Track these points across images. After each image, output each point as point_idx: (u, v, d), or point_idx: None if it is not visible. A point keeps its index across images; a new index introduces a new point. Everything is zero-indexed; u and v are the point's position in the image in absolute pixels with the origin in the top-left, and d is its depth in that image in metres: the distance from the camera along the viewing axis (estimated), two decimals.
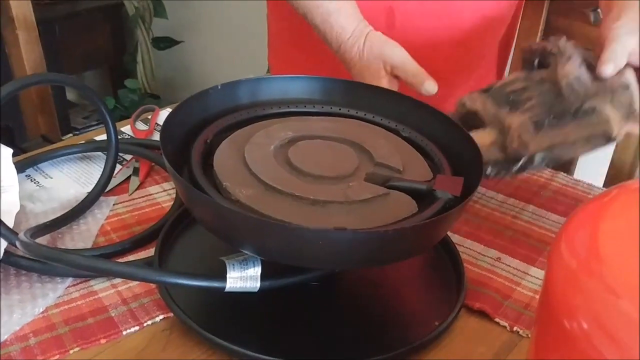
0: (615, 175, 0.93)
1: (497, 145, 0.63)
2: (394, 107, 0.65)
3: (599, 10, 0.90)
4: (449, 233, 0.65)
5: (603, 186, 0.93)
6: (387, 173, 0.56)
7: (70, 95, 2.47)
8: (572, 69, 0.63)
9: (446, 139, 0.62)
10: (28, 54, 1.05)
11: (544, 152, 0.61)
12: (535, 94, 0.65)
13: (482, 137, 0.63)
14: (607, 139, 0.61)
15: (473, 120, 0.67)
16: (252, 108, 0.64)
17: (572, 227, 0.39)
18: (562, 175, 0.82)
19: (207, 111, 0.62)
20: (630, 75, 0.64)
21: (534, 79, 0.67)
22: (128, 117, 1.89)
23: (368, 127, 0.64)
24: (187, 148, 0.58)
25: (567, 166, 0.97)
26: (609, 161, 0.95)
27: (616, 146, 0.94)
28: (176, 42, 2.01)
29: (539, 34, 0.94)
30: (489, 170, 0.63)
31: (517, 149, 0.61)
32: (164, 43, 2.00)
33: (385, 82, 0.75)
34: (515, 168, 0.62)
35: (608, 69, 0.63)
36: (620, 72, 0.64)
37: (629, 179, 0.92)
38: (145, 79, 2.02)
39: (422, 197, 0.55)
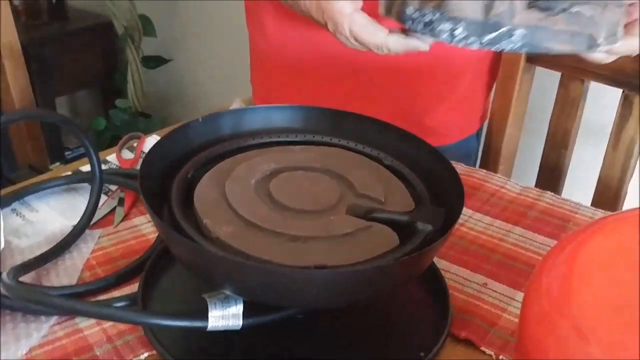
0: (603, 192, 0.93)
1: (483, 3, 0.55)
2: (376, 135, 0.65)
3: None
4: (435, 259, 0.65)
5: (591, 204, 0.93)
6: (368, 204, 0.56)
7: (62, 112, 2.48)
8: None
9: (428, 167, 0.62)
10: (14, 81, 1.05)
11: (527, 30, 0.55)
12: None
13: None
14: (590, 44, 0.57)
15: None
16: (234, 139, 0.64)
17: (547, 266, 0.39)
18: (549, 194, 0.82)
19: (189, 144, 0.62)
20: None
21: None
22: (120, 136, 1.89)
23: (350, 155, 0.64)
24: (168, 182, 0.58)
25: (554, 184, 0.97)
26: (597, 177, 0.95)
27: (603, 163, 0.94)
28: (166, 61, 2.02)
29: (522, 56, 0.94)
30: (459, 29, 0.56)
31: (502, 15, 0.55)
32: (154, 62, 2.00)
33: None
34: (487, 38, 0.56)
35: None
36: None
37: (617, 196, 0.92)
38: (136, 97, 2.02)
39: (405, 229, 0.54)
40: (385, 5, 0.62)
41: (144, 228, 0.73)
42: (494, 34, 0.55)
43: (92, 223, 0.72)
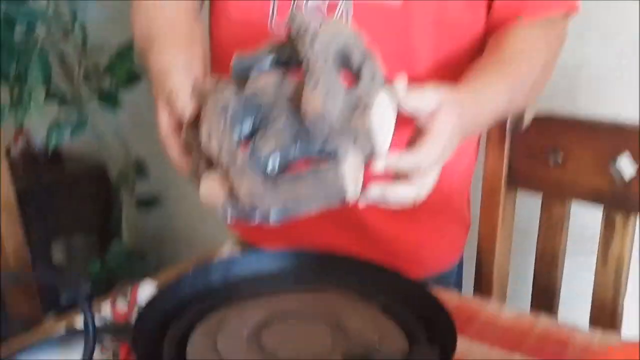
0: (599, 310, 0.92)
1: (231, 199, 0.56)
2: (365, 275, 0.67)
3: (557, 152, 0.94)
4: None
5: (589, 322, 0.93)
6: (363, 350, 0.56)
7: (58, 257, 2.48)
8: (317, 104, 0.55)
9: (419, 304, 0.62)
10: (9, 235, 1.07)
11: (278, 209, 0.56)
12: (284, 113, 0.57)
13: (214, 194, 0.57)
14: (342, 199, 0.57)
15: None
16: (226, 289, 0.65)
17: None
18: (545, 318, 0.81)
19: (181, 298, 0.63)
20: (376, 118, 0.56)
21: (285, 92, 0.58)
22: (115, 279, 1.86)
23: (342, 298, 0.65)
24: (161, 339, 0.58)
25: (549, 304, 0.97)
26: (591, 295, 0.95)
27: (595, 280, 0.94)
28: (160, 202, 2.05)
29: (503, 178, 0.97)
30: (228, 214, 0.57)
31: (251, 208, 0.56)
32: (148, 203, 2.04)
33: (164, 115, 0.67)
34: (255, 220, 0.56)
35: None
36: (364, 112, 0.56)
37: (614, 314, 0.91)
38: (131, 239, 2.04)
39: None
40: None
41: None
42: (256, 218, 0.56)
43: None
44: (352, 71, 0.59)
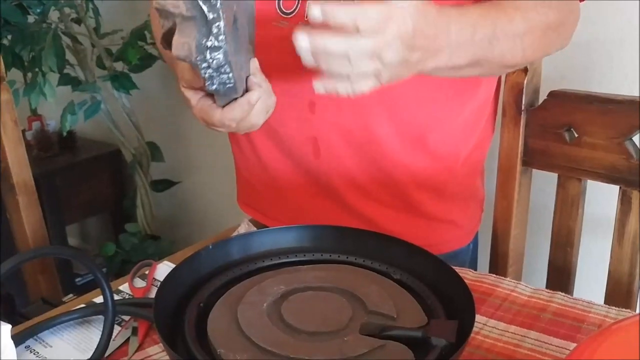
0: (615, 288, 0.92)
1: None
2: (383, 249, 0.67)
3: (572, 129, 0.94)
4: None
5: (604, 301, 0.93)
6: (381, 321, 0.57)
7: (72, 240, 2.50)
8: None
9: (436, 278, 0.63)
10: (28, 217, 1.08)
11: None
12: None
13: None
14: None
15: None
16: (244, 263, 0.66)
17: None
18: (560, 295, 0.81)
19: (200, 272, 0.64)
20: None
21: None
22: (130, 261, 1.86)
23: (359, 272, 0.65)
24: (182, 311, 0.59)
25: (565, 283, 0.97)
26: (606, 272, 0.95)
27: (611, 258, 0.94)
28: (174, 183, 2.07)
29: (519, 156, 0.97)
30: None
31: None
32: (162, 185, 2.05)
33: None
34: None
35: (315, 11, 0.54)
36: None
37: (629, 291, 0.91)
38: (145, 221, 2.05)
39: (419, 344, 0.55)
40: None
41: (158, 358, 0.72)
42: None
43: (106, 355, 0.72)
44: None
